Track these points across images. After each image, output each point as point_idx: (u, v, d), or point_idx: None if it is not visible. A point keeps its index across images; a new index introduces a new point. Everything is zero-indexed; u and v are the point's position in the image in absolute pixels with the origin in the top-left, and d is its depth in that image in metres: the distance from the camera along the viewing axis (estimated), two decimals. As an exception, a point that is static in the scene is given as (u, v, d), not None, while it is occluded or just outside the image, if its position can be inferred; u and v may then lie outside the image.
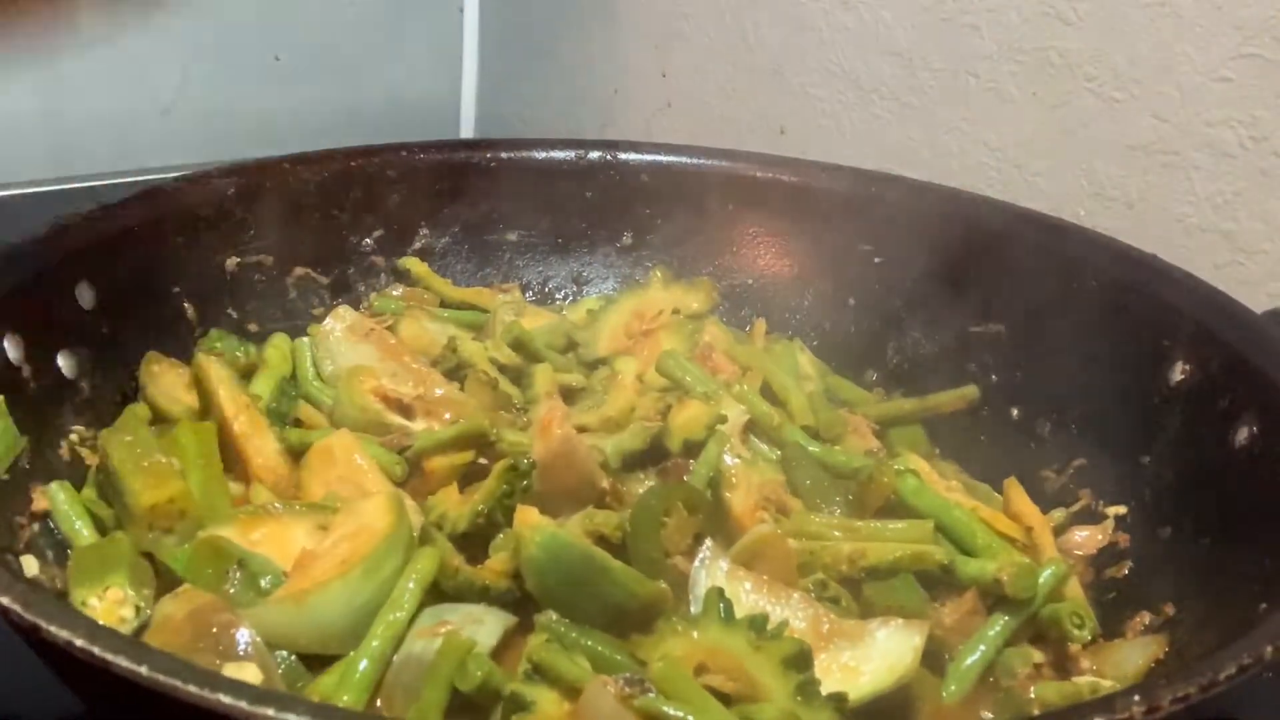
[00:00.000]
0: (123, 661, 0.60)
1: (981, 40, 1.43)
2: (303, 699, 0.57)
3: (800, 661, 0.81)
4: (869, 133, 1.58)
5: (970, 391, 1.24)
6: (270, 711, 0.57)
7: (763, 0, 1.65)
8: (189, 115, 1.93)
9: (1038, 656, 0.91)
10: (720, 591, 0.86)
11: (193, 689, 0.58)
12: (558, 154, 1.46)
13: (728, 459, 1.04)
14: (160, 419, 1.12)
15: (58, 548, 0.97)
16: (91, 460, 1.05)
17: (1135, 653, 0.89)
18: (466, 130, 2.19)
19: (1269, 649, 0.65)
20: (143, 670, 0.59)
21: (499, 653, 0.88)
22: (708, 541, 0.94)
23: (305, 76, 2.02)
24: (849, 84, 1.55)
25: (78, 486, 1.02)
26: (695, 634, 0.84)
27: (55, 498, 0.98)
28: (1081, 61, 1.34)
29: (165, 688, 0.59)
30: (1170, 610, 0.92)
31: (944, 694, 0.89)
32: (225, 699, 0.57)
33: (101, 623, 0.83)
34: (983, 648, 0.90)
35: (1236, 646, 0.65)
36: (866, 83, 1.55)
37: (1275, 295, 1.23)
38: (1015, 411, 1.22)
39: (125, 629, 0.88)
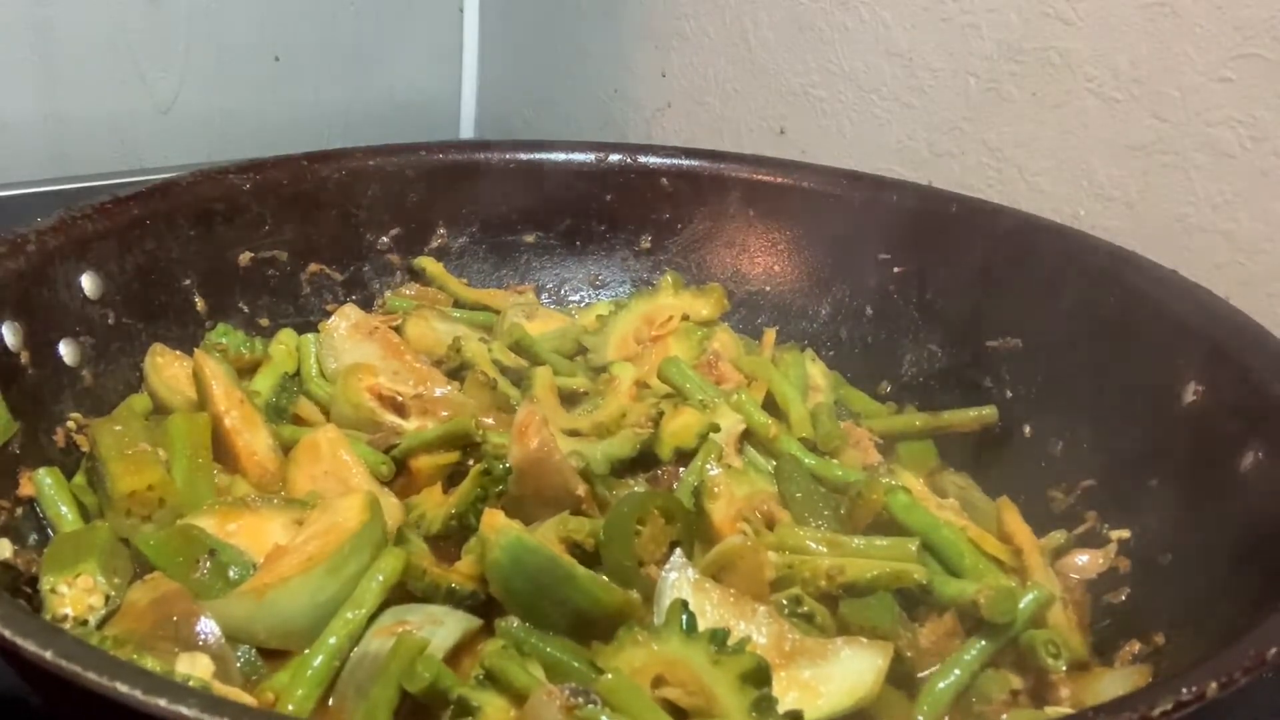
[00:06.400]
0: (30, 646, 0.60)
1: (981, 40, 1.40)
2: (195, 691, 0.57)
3: (758, 677, 0.79)
4: (869, 133, 1.55)
5: (988, 413, 1.21)
6: (162, 702, 0.56)
7: (763, 0, 1.63)
8: (189, 115, 1.95)
9: (1016, 683, 0.88)
10: (684, 603, 0.84)
11: (91, 676, 0.57)
12: (578, 156, 1.45)
13: (711, 468, 1.02)
14: (161, 410, 1.13)
15: (42, 532, 0.98)
16: (86, 447, 1.06)
17: (1116, 684, 0.85)
18: (466, 130, 2.20)
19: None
20: (47, 655, 0.59)
21: (458, 655, 0.87)
22: (677, 551, 0.92)
23: (305, 76, 2.04)
24: (849, 84, 1.52)
25: (73, 474, 1.04)
26: (655, 645, 0.82)
27: (41, 483, 0.99)
28: (1081, 61, 1.32)
29: (68, 674, 0.58)
30: (1160, 640, 0.89)
31: (914, 717, 0.86)
32: (122, 687, 0.57)
33: (65, 610, 0.85)
34: (957, 671, 0.87)
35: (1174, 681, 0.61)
36: (866, 83, 1.53)
37: (1275, 295, 1.20)
38: (1028, 428, 1.18)
39: (93, 616, 0.88)
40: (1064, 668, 0.87)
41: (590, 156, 1.45)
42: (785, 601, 0.91)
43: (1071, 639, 0.91)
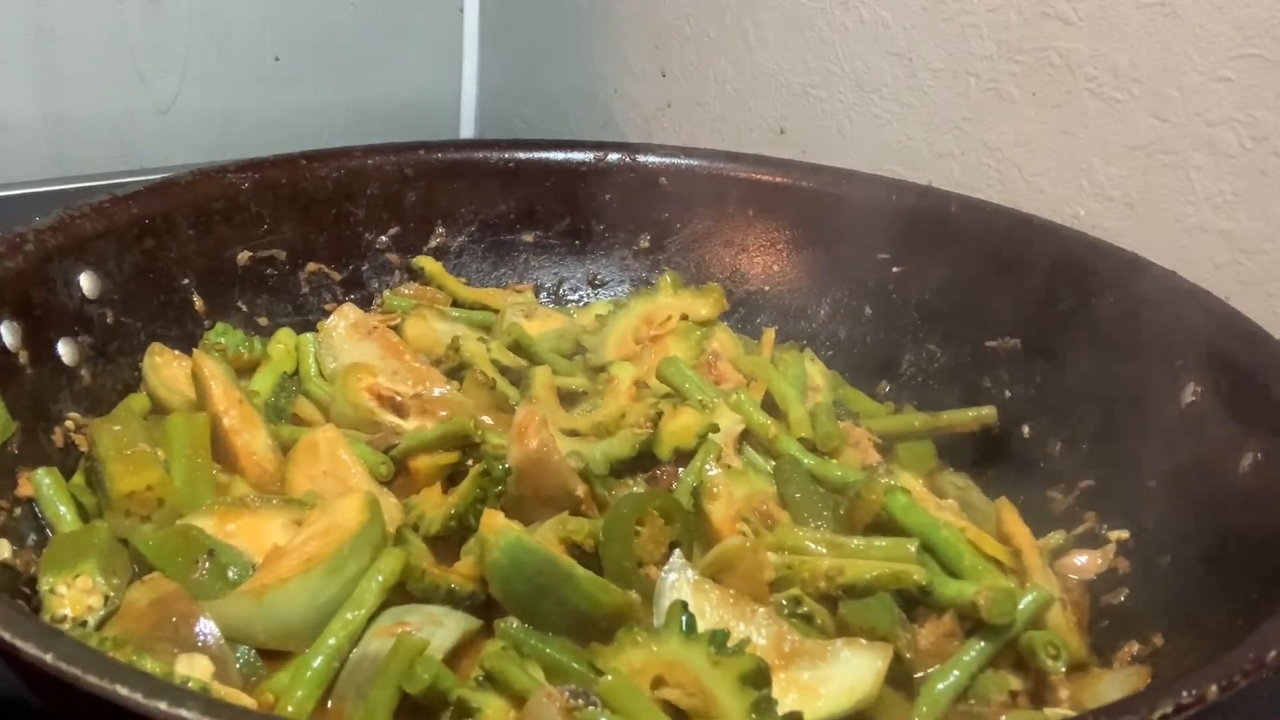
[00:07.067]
0: (31, 649, 0.60)
1: (981, 40, 1.40)
2: (195, 694, 0.57)
3: (758, 679, 0.79)
4: (869, 133, 1.56)
5: (987, 413, 1.21)
6: (163, 705, 0.56)
7: (763, 0, 1.63)
8: (189, 115, 1.94)
9: (1015, 684, 0.88)
10: (683, 604, 0.84)
11: (92, 679, 0.57)
12: (577, 155, 1.45)
13: (710, 469, 1.02)
14: (160, 410, 1.13)
15: (41, 533, 0.98)
16: (85, 447, 1.06)
17: (1115, 685, 0.85)
18: (466, 130, 2.20)
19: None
20: (48, 658, 0.59)
21: (458, 656, 0.87)
22: (676, 552, 0.92)
23: (305, 76, 2.03)
24: (849, 84, 1.53)
25: (71, 474, 1.03)
26: (654, 646, 0.82)
27: (40, 483, 0.99)
28: (1081, 61, 1.32)
29: (69, 677, 0.58)
30: (1159, 641, 0.89)
31: (913, 718, 0.86)
32: (122, 690, 0.57)
33: (64, 611, 0.85)
34: (956, 673, 0.87)
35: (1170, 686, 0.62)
36: (866, 83, 1.53)
37: (1275, 295, 1.20)
38: (1027, 429, 1.18)
39: (92, 617, 0.88)
40: (1063, 669, 0.87)
41: (590, 156, 1.45)
42: (785, 602, 0.91)
43: (1070, 640, 0.91)
